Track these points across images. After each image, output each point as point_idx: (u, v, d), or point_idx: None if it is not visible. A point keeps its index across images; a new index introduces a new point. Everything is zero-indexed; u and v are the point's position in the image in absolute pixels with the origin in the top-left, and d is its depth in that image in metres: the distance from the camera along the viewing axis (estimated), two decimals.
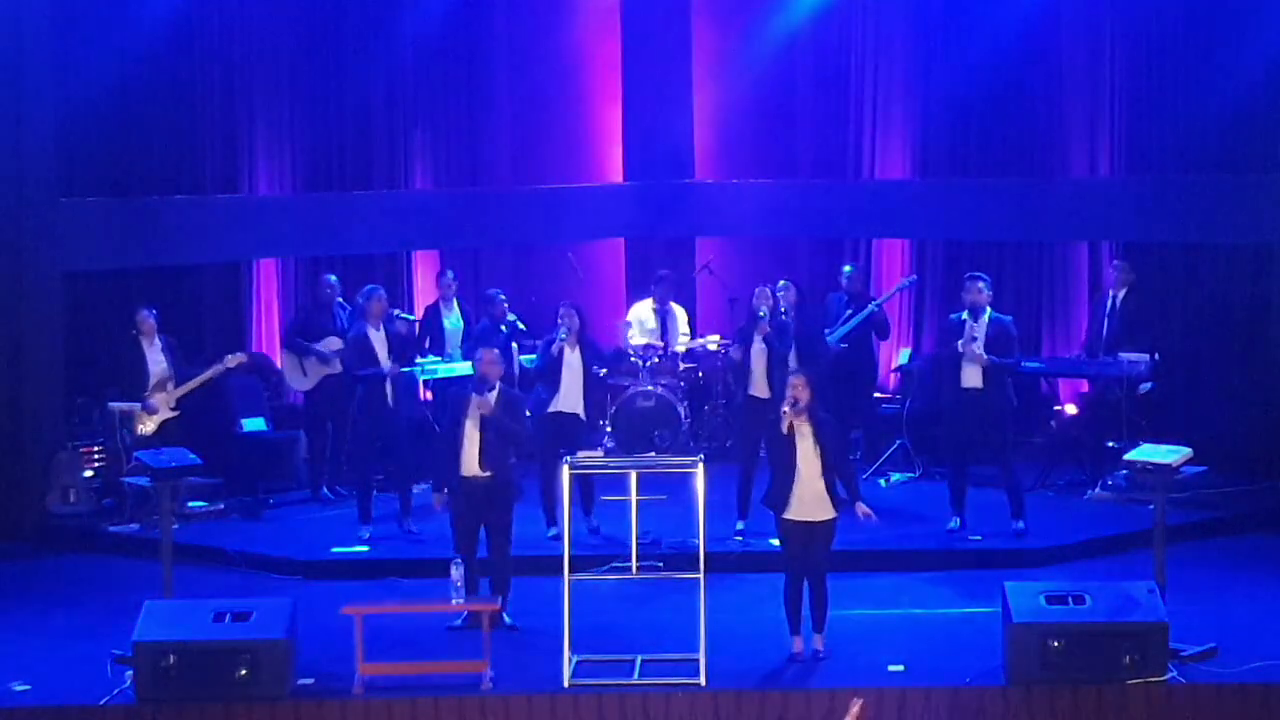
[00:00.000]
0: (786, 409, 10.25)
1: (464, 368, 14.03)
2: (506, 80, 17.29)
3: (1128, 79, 15.89)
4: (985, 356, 12.57)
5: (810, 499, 10.27)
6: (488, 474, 10.95)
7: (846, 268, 15.50)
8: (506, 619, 10.87)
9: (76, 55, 14.31)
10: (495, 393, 11.07)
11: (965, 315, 12.79)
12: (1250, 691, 9.63)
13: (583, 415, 12.91)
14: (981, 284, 12.82)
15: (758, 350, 12.84)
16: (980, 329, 12.68)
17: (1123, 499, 13.57)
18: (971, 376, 12.68)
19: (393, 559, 12.52)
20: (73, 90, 14.23)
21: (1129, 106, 15.89)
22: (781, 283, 13.52)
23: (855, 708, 8.75)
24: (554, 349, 12.83)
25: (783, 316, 12.94)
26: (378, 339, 13.23)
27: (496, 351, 11.44)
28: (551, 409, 12.81)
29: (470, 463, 10.96)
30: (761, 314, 12.82)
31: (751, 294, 13.07)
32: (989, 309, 12.79)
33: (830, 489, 10.30)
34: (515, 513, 11.26)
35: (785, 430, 10.21)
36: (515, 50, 17.28)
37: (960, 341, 12.66)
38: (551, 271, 16.51)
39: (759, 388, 12.86)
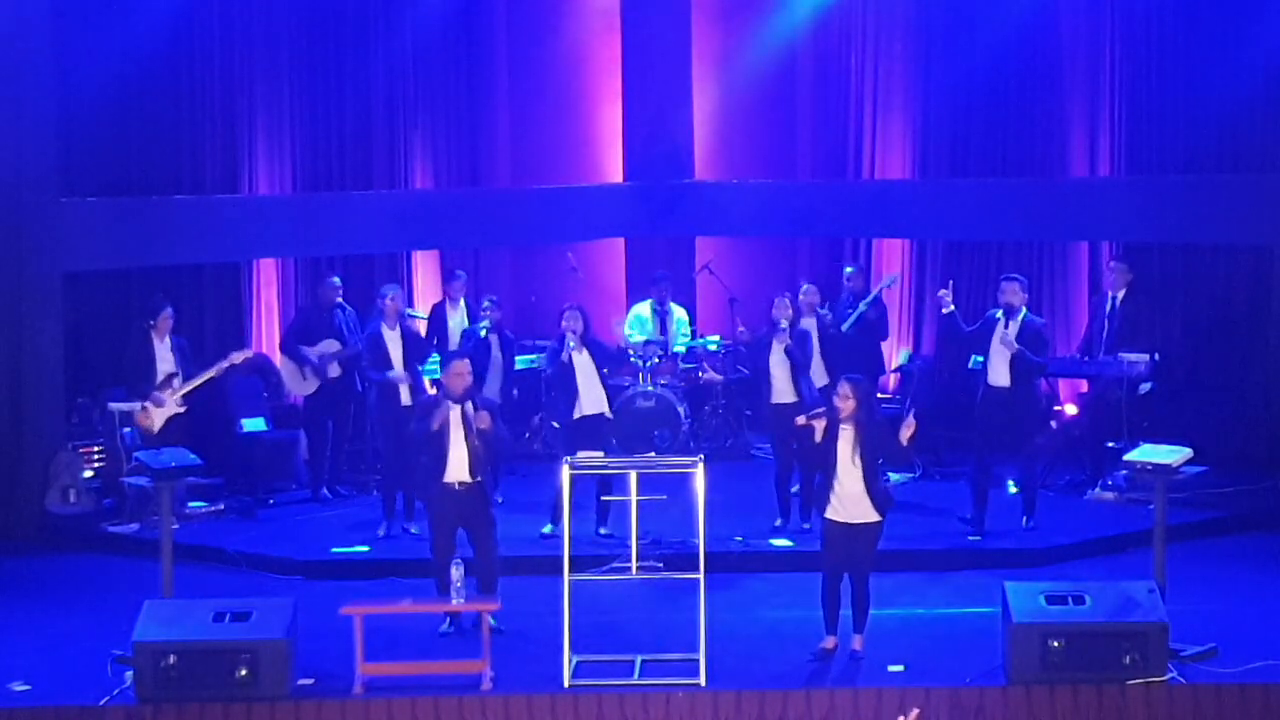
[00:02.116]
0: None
1: None
2: (506, 80, 17.30)
3: (1128, 79, 15.90)
4: (1015, 344, 12.57)
5: (850, 501, 10.29)
6: (475, 480, 10.93)
7: (848, 269, 15.54)
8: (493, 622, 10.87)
9: (76, 55, 14.31)
10: (470, 402, 11.00)
11: (1000, 314, 12.81)
12: (1250, 691, 9.62)
13: (608, 413, 12.92)
14: (1017, 285, 12.86)
15: (778, 359, 12.87)
16: (1013, 329, 12.69)
17: (1123, 499, 13.57)
18: (999, 375, 12.70)
19: (393, 559, 12.52)
20: (73, 90, 14.24)
21: (1129, 106, 15.90)
22: (805, 286, 13.62)
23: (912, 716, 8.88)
24: (564, 356, 12.80)
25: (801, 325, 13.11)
26: (392, 338, 13.24)
27: (467, 362, 11.25)
28: (577, 414, 12.79)
29: (459, 469, 10.91)
30: (782, 325, 12.86)
31: (771, 302, 13.11)
32: (1025, 309, 12.81)
33: (872, 492, 10.30)
34: (513, 514, 11.27)
35: (819, 439, 10.23)
36: (515, 50, 17.28)
37: (996, 336, 12.68)
38: (551, 271, 16.51)
39: (783, 395, 12.93)
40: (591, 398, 12.84)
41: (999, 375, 12.74)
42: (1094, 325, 14.60)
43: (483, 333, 14.00)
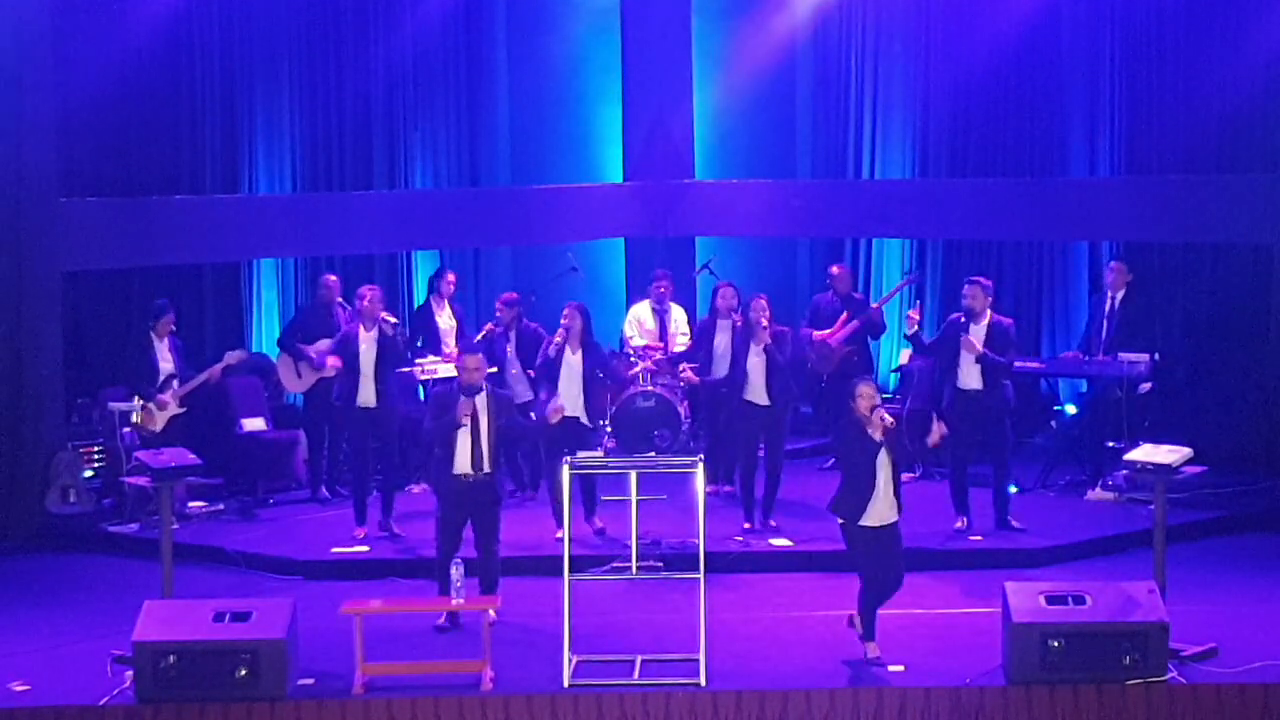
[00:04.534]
0: (880, 418, 10.17)
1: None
2: (506, 80, 17.31)
3: (1128, 79, 15.90)
4: (978, 348, 12.58)
5: (883, 504, 10.23)
6: (477, 474, 10.95)
7: (834, 269, 15.51)
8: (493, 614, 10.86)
9: (76, 55, 14.31)
10: (484, 395, 11.05)
11: (962, 319, 12.83)
12: (1250, 691, 9.62)
13: (583, 419, 12.88)
14: (978, 288, 12.84)
15: (755, 361, 12.89)
16: (980, 332, 12.70)
17: (1123, 499, 13.58)
18: (970, 378, 12.71)
19: (393, 559, 12.51)
20: (73, 90, 14.23)
21: (1129, 106, 15.90)
22: (721, 289, 13.67)
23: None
24: (550, 350, 12.83)
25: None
26: (366, 339, 13.18)
27: (480, 356, 11.34)
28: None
29: (462, 463, 10.96)
30: (764, 325, 12.89)
31: (748, 305, 13.14)
32: (990, 311, 12.81)
33: (897, 490, 10.28)
34: (511, 514, 11.26)
35: (880, 437, 10.19)
36: (515, 50, 17.29)
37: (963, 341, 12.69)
38: (551, 271, 16.51)
39: (757, 394, 12.96)
40: (568, 398, 12.76)
41: (970, 378, 12.73)
42: (1093, 325, 14.61)
43: (510, 351, 14.03)
